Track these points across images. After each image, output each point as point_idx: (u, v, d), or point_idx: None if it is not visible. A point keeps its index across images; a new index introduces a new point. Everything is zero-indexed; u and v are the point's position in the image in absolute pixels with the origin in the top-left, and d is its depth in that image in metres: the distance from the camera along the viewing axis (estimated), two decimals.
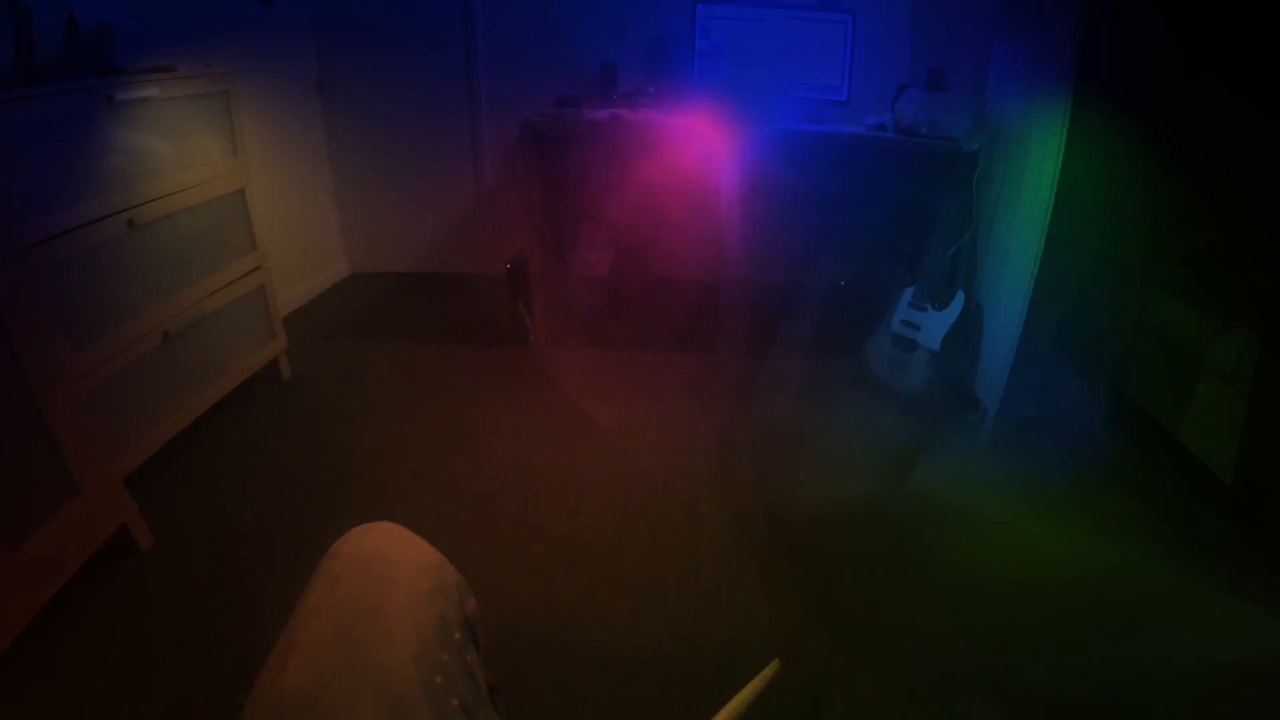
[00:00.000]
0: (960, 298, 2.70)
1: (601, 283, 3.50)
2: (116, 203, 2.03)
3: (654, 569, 1.99)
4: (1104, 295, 2.43)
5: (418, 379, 3.00)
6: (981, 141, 2.71)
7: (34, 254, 1.73)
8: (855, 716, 1.57)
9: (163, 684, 1.60)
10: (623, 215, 3.63)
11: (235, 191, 2.54)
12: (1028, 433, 2.63)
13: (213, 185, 2.42)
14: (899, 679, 1.65)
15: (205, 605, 1.82)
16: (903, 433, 2.70)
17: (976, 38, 2.91)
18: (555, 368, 3.14)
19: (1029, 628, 1.80)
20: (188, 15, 2.74)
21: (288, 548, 1.98)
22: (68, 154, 1.88)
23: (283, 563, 1.90)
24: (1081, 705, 1.58)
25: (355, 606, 0.77)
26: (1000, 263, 2.62)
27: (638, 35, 3.50)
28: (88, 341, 1.93)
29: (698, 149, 3.19)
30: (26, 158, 1.76)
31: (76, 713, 1.53)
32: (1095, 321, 2.46)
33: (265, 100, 3.28)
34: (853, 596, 1.90)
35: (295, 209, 3.63)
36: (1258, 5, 2.22)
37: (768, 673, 1.32)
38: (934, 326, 2.76)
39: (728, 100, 3.13)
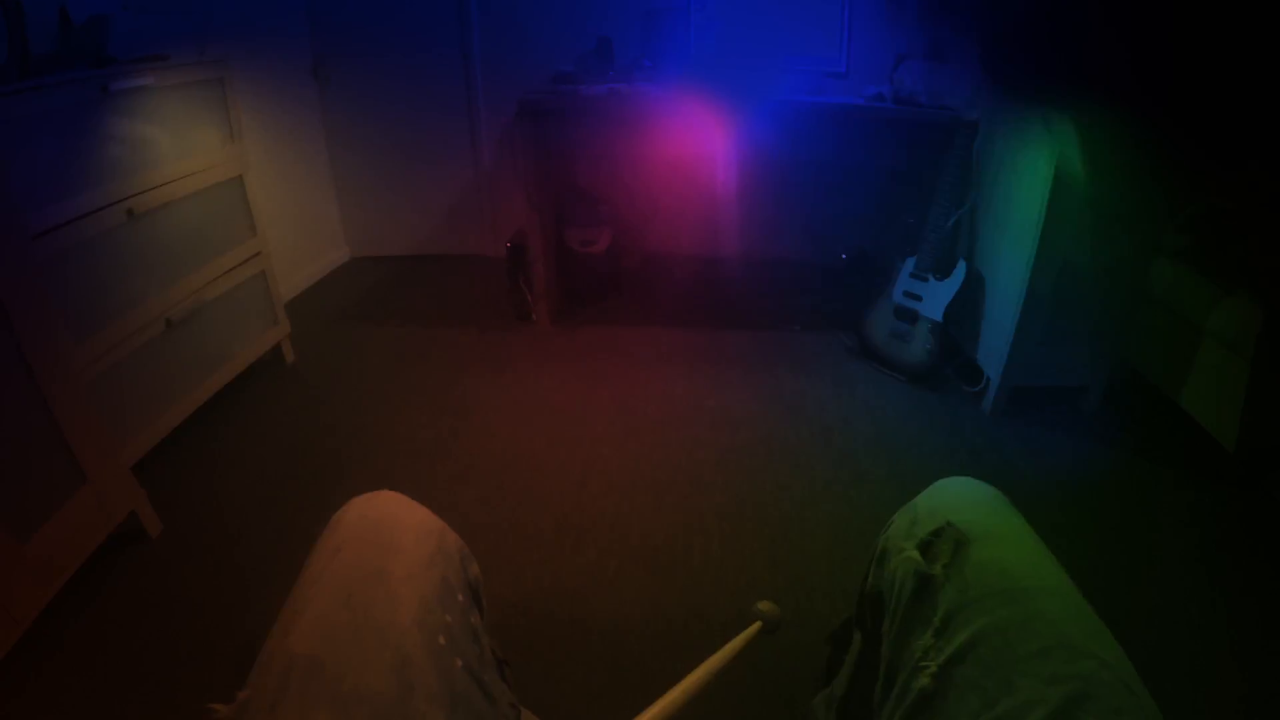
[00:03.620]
0: (962, 267, 2.70)
1: (602, 259, 3.50)
2: (115, 192, 2.03)
3: (660, 541, 2.01)
4: (1105, 263, 2.42)
5: (421, 360, 3.01)
6: (981, 111, 2.69)
7: (35, 246, 1.74)
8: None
9: (177, 666, 1.62)
10: (621, 191, 3.62)
11: (233, 178, 2.54)
12: (1030, 402, 2.64)
13: (211, 172, 2.42)
14: None
15: (216, 588, 1.84)
16: (904, 403, 2.71)
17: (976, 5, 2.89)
18: (557, 345, 3.15)
19: None
20: (180, 3, 2.73)
21: (296, 529, 2.00)
22: (65, 145, 1.88)
23: (292, 544, 1.90)
24: None
25: (359, 571, 0.78)
26: (1001, 232, 2.61)
27: (633, 9, 3.46)
28: (91, 331, 1.95)
29: (695, 122, 3.18)
30: (25, 150, 1.76)
31: (93, 697, 1.56)
32: (1097, 289, 2.46)
33: (261, 86, 3.27)
34: (855, 565, 1.91)
35: (294, 195, 3.63)
36: None
37: (750, 633, 1.34)
38: (936, 297, 2.75)
39: (725, 73, 3.11)
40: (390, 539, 0.84)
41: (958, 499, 0.93)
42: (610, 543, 2.01)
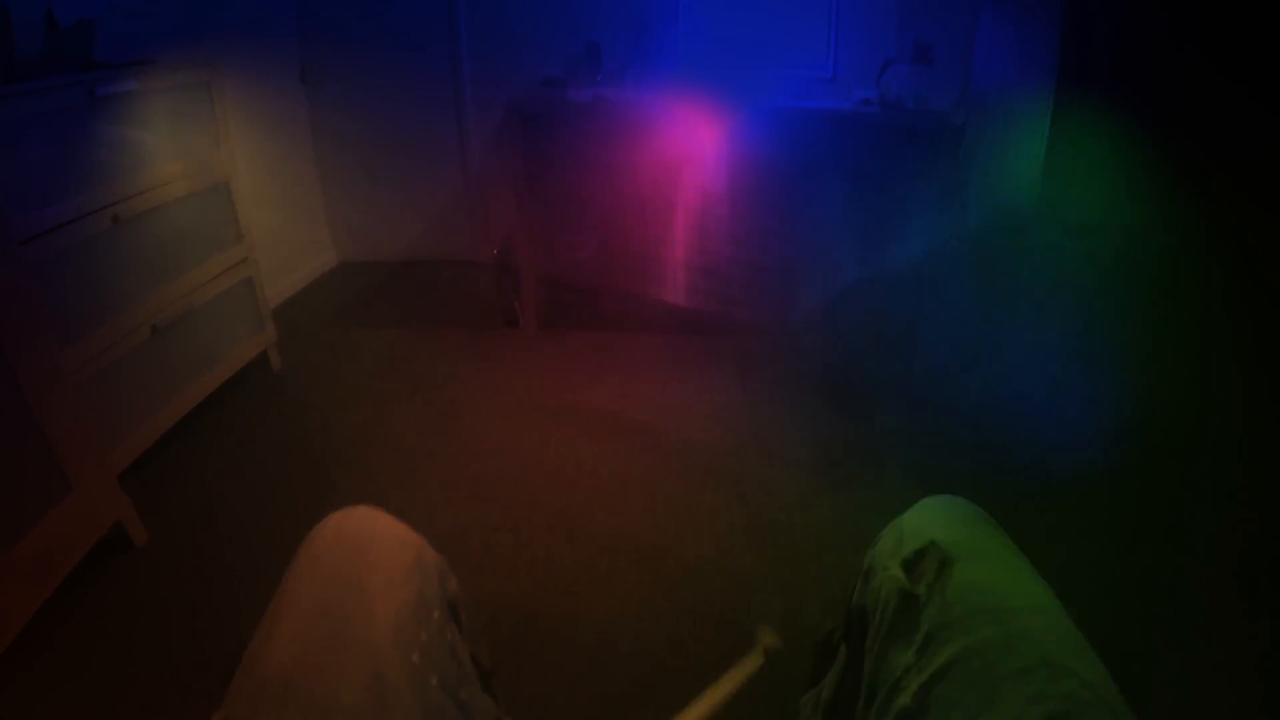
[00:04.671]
0: None
1: (589, 264, 3.50)
2: (101, 198, 2.02)
3: (651, 542, 2.01)
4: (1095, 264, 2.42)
5: (409, 366, 3.00)
6: (968, 115, 2.70)
7: (20, 251, 1.72)
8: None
9: (161, 678, 1.61)
10: (610, 196, 3.62)
11: (220, 183, 2.53)
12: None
13: (197, 178, 2.41)
14: None
15: (201, 599, 1.83)
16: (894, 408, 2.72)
17: (963, 10, 2.90)
18: (546, 350, 3.15)
19: None
20: (167, 7, 2.72)
21: (282, 538, 1.96)
22: (51, 150, 1.87)
23: (277, 553, 1.88)
24: None
25: (335, 586, 0.78)
26: None
27: (622, 14, 3.47)
28: (77, 338, 1.93)
29: (683, 128, 3.18)
30: (9, 155, 1.75)
31: (79, 706, 1.54)
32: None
33: (248, 91, 3.25)
34: (844, 568, 1.91)
35: (281, 200, 3.61)
36: None
37: (751, 666, 1.33)
38: None
39: (713, 78, 3.12)
40: (367, 554, 0.83)
41: (944, 517, 0.93)
42: (601, 544, 2.00)
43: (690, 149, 3.34)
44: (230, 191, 2.58)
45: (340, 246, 4.19)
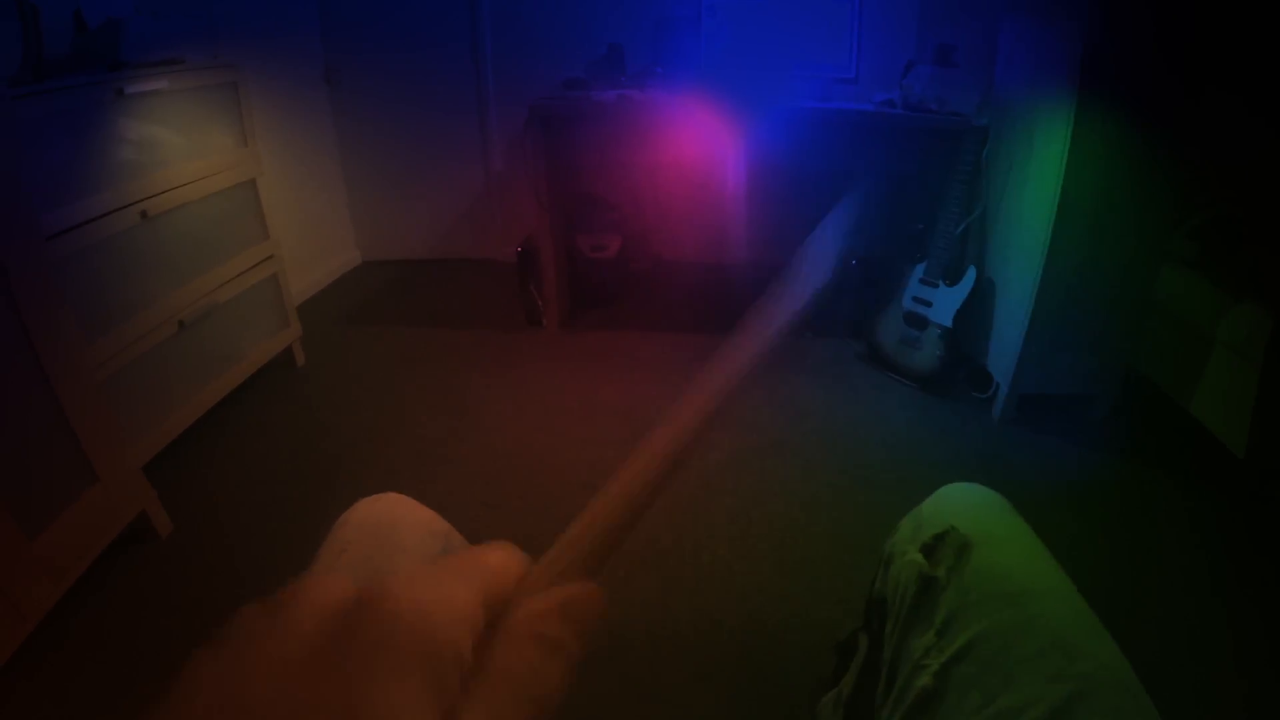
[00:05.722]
0: (971, 273, 2.69)
1: (612, 264, 3.51)
2: (129, 194, 2.05)
3: (668, 544, 2.01)
4: (1115, 270, 2.41)
5: (430, 365, 3.02)
6: (990, 117, 2.69)
7: (49, 247, 1.75)
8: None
9: (182, 665, 1.62)
10: (632, 196, 3.63)
11: (246, 181, 2.56)
12: (1039, 409, 2.63)
13: (224, 175, 2.44)
14: None
15: (225, 589, 1.85)
16: (913, 409, 2.71)
17: (985, 12, 2.89)
18: (567, 349, 3.16)
19: None
20: (194, 8, 2.76)
21: (304, 530, 2.01)
22: (80, 148, 1.90)
23: (299, 544, 1.92)
24: None
25: (364, 570, 0.78)
26: (1010, 238, 2.61)
27: (644, 16, 3.48)
28: (104, 331, 1.96)
29: (706, 129, 3.18)
30: (39, 152, 1.78)
31: (98, 698, 1.56)
32: (1106, 296, 2.45)
33: (273, 91, 3.29)
34: (862, 570, 1.91)
35: (306, 198, 3.65)
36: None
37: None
38: (945, 303, 2.74)
39: (735, 79, 3.12)
40: (396, 539, 0.84)
41: (962, 503, 0.93)
42: None
43: (712, 149, 3.35)
44: (256, 189, 2.62)
45: (363, 245, 4.22)
